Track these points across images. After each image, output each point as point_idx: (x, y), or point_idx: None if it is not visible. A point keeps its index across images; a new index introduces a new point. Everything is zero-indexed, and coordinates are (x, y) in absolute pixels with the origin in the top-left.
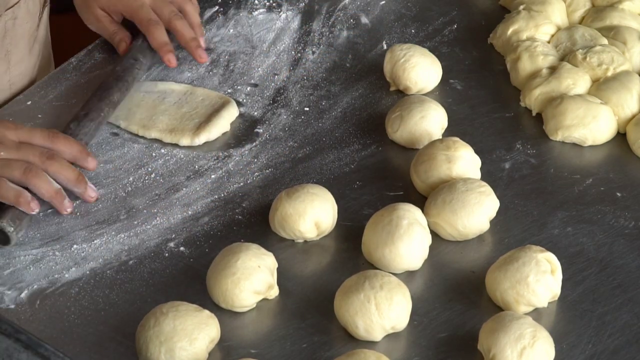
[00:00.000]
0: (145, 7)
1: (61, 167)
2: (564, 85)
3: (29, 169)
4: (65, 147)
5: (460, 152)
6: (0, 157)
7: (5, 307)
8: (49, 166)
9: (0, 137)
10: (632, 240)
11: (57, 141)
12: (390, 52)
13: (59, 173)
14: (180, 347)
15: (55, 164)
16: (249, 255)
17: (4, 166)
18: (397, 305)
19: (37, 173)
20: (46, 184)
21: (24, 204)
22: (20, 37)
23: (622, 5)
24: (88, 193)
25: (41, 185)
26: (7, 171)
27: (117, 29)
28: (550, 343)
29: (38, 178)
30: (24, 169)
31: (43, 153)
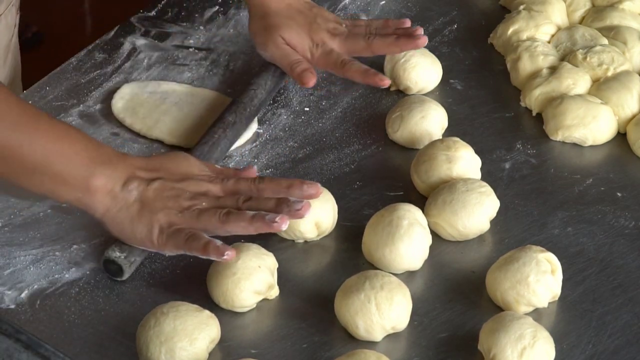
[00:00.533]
0: (335, 52)
1: (258, 203)
2: (564, 85)
3: (226, 213)
4: (273, 186)
5: (460, 152)
6: (199, 208)
7: (6, 307)
8: (245, 207)
9: (205, 191)
10: (633, 240)
11: (262, 184)
12: None
13: (256, 208)
14: (181, 347)
15: (252, 204)
16: (249, 255)
17: (201, 215)
18: (398, 306)
19: (232, 213)
20: (241, 218)
21: (213, 251)
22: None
23: (622, 5)
24: (294, 208)
25: (237, 222)
26: (205, 221)
27: (300, 59)
28: (551, 343)
29: (233, 217)
30: (218, 215)
31: (240, 199)
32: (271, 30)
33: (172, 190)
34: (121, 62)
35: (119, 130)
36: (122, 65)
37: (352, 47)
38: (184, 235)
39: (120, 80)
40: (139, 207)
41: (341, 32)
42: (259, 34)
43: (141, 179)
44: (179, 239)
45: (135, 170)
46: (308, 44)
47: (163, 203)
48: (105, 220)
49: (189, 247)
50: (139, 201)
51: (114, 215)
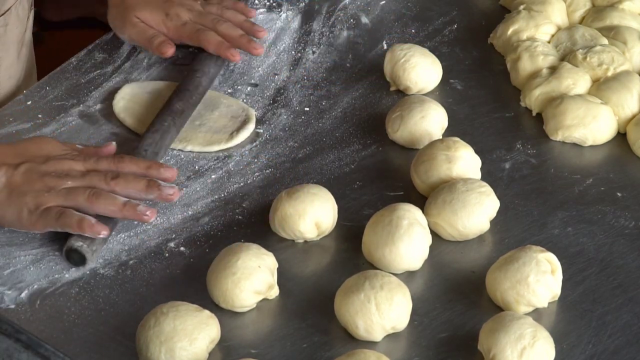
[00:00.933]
0: (189, 23)
1: (127, 182)
2: (564, 85)
3: (94, 193)
4: (132, 167)
5: (460, 152)
6: (66, 187)
7: (6, 307)
8: (114, 186)
9: (68, 169)
10: (633, 240)
11: (122, 164)
12: (391, 52)
13: (126, 188)
14: (181, 347)
15: (120, 181)
16: (249, 255)
17: (69, 194)
18: (398, 306)
19: (102, 195)
20: (112, 202)
21: (88, 228)
22: (11, 43)
23: (622, 5)
24: (165, 192)
25: (107, 204)
26: (72, 199)
27: (156, 32)
28: (551, 343)
29: (103, 199)
30: (88, 193)
31: (107, 175)
32: (127, 13)
33: (38, 172)
34: (121, 62)
35: (119, 130)
36: (122, 65)
37: (202, 22)
38: (54, 213)
39: (120, 80)
40: (8, 192)
41: (195, 8)
42: (116, 19)
43: (7, 165)
44: (49, 217)
45: (0, 158)
46: (162, 19)
47: (30, 185)
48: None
49: (61, 224)
50: (7, 186)
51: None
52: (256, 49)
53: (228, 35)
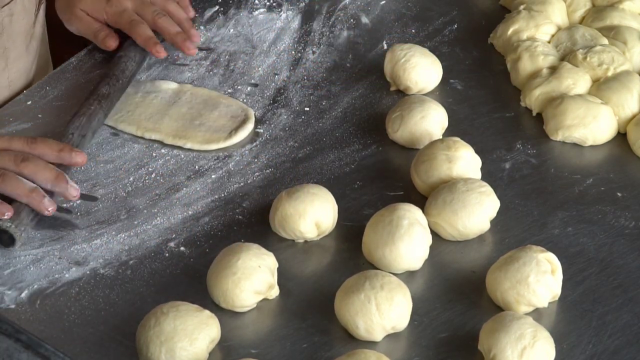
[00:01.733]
0: (128, 11)
1: (37, 168)
2: (565, 85)
3: (1, 174)
4: (45, 149)
5: (460, 152)
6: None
7: (6, 307)
8: (23, 168)
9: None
10: (633, 240)
11: (35, 145)
12: (391, 52)
13: (34, 174)
14: (181, 347)
15: (30, 165)
16: (250, 255)
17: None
18: (398, 306)
19: (8, 177)
20: (18, 186)
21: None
22: (17, 35)
23: (622, 5)
24: (69, 192)
25: (13, 188)
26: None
27: (101, 26)
28: (551, 343)
29: (9, 181)
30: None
31: (17, 156)
32: (72, 6)
33: None
34: None
35: (119, 130)
36: None
37: (142, 12)
38: None
39: None
40: None
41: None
42: (64, 12)
43: None
44: None
45: None
46: (103, 6)
47: None
48: None
49: None
50: None
51: None
52: (189, 49)
53: (165, 30)
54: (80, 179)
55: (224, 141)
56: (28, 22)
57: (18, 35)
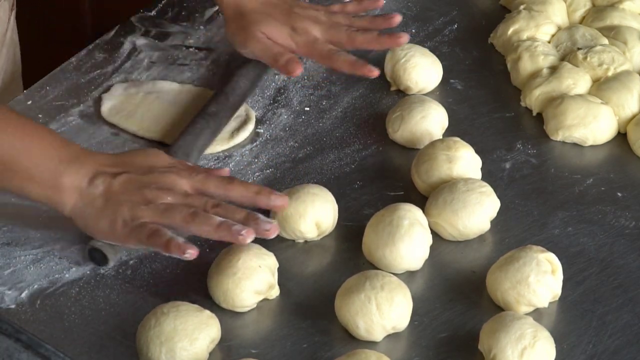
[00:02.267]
0: (320, 40)
1: (226, 212)
2: (565, 85)
3: (192, 214)
4: (242, 190)
5: (460, 152)
6: (165, 202)
7: (6, 307)
8: (213, 212)
9: (171, 184)
10: (633, 240)
11: (232, 185)
12: (391, 52)
13: (224, 216)
14: (181, 347)
15: (220, 210)
16: (250, 255)
17: (166, 211)
18: (398, 306)
19: (198, 214)
20: (207, 222)
21: (175, 249)
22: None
23: (622, 5)
24: (262, 227)
25: (201, 225)
26: (169, 217)
27: (282, 50)
28: (551, 343)
29: (199, 220)
30: (185, 213)
31: (208, 202)
32: (250, 27)
33: (138, 182)
34: (121, 62)
35: (119, 130)
36: (122, 65)
37: (335, 37)
38: (147, 230)
39: (121, 80)
40: (104, 200)
41: (322, 21)
42: (238, 34)
43: (107, 174)
44: (142, 234)
45: (101, 167)
46: (289, 33)
47: (128, 196)
48: (72, 215)
49: (152, 243)
50: (104, 195)
51: (81, 211)
52: (400, 42)
53: (366, 43)
54: None
55: (226, 143)
56: (1, 31)
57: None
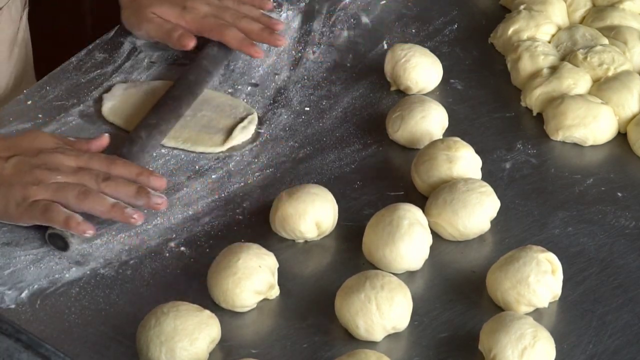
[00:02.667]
0: (210, 16)
1: (117, 185)
2: (565, 85)
3: (83, 192)
4: (124, 171)
5: (461, 152)
6: (56, 181)
7: (6, 307)
8: (104, 187)
9: (58, 164)
10: (633, 240)
11: (115, 166)
12: (391, 52)
13: (116, 191)
14: (181, 347)
15: (111, 183)
16: (250, 255)
17: (58, 190)
18: (398, 306)
19: (92, 194)
20: (100, 202)
21: (74, 227)
22: (2, 43)
23: (622, 5)
24: (153, 201)
25: (95, 205)
26: (61, 195)
27: (174, 25)
28: (551, 343)
29: (92, 198)
30: (77, 191)
31: (99, 175)
32: (143, 10)
33: (28, 164)
34: (121, 62)
35: (119, 130)
36: (123, 65)
37: (222, 16)
38: (40, 206)
39: (121, 80)
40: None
41: (212, 2)
42: (132, 17)
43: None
44: (35, 210)
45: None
46: (180, 12)
47: (19, 178)
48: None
49: (47, 218)
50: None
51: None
52: (279, 40)
53: (249, 30)
54: None
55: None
56: (13, 31)
57: (3, 43)
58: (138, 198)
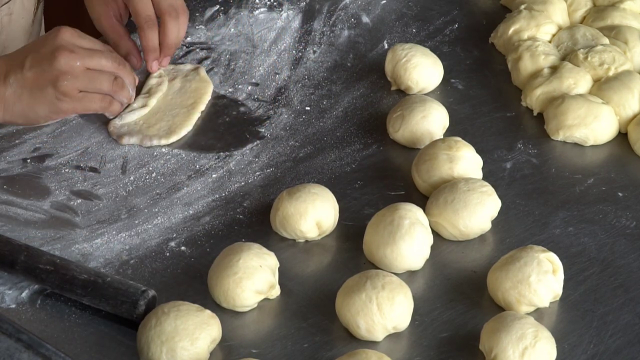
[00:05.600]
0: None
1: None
2: (565, 85)
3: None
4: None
5: (462, 151)
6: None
7: (6, 306)
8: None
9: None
10: (634, 240)
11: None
12: (392, 51)
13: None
14: (182, 347)
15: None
16: (251, 254)
17: (93, 80)
18: (399, 305)
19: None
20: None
21: (120, 92)
22: (16, 33)
23: (623, 4)
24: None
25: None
26: (97, 84)
27: (119, 36)
28: (552, 343)
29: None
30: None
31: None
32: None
33: (47, 64)
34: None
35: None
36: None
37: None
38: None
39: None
40: (27, 93)
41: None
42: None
43: (14, 68)
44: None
45: (4, 66)
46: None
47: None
48: (8, 121)
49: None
50: (20, 90)
51: (11, 112)
52: (152, 68)
53: (166, 31)
54: (80, 179)
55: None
56: (27, 21)
57: (17, 34)
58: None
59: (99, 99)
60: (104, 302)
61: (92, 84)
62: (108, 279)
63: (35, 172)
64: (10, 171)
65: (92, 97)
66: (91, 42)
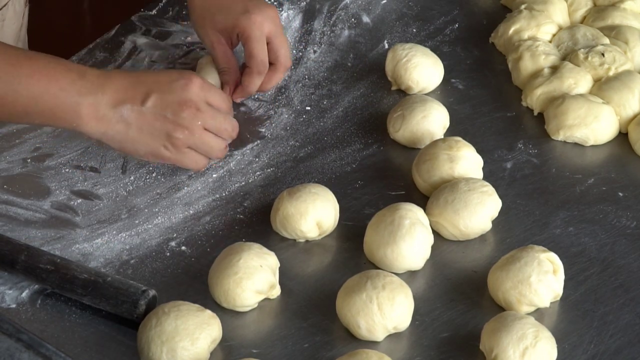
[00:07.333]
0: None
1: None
2: (566, 85)
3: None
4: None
5: (462, 151)
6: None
7: (7, 306)
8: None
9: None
10: (634, 240)
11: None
12: (392, 51)
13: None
14: (182, 347)
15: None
16: (251, 254)
17: (206, 143)
18: (399, 305)
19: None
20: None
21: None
22: (8, 39)
23: (623, 4)
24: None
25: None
26: (207, 148)
27: (229, 66)
28: (553, 343)
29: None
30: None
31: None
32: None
33: (166, 107)
34: (122, 61)
35: None
36: (123, 64)
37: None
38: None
39: None
40: (137, 128)
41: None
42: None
43: (133, 100)
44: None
45: (124, 92)
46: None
47: (161, 124)
48: (104, 141)
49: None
50: (136, 123)
51: (112, 137)
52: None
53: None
54: (80, 179)
55: None
56: (17, 26)
57: (8, 39)
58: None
59: (200, 160)
60: (105, 302)
61: (203, 146)
62: (108, 278)
63: (35, 172)
64: (10, 171)
65: (195, 157)
66: (217, 95)
